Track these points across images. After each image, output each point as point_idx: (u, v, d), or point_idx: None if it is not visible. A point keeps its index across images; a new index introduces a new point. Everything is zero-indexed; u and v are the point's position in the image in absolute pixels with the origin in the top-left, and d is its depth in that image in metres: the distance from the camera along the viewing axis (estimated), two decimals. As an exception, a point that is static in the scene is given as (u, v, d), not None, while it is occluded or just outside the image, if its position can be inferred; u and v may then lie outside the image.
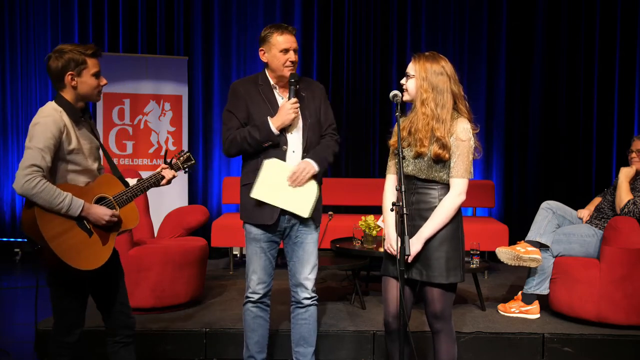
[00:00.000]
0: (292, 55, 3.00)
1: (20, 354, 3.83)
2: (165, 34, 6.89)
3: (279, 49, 3.01)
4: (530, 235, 4.21)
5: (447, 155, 2.61)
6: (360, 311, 4.28)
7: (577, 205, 4.54)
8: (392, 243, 2.70)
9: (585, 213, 4.37)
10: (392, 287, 2.72)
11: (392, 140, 2.76)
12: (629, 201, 4.02)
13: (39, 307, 4.88)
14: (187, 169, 3.01)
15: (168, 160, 2.94)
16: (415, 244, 2.63)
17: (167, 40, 6.89)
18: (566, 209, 4.37)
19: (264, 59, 3.08)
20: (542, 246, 4.17)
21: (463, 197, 2.67)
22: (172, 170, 2.89)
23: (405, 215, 2.45)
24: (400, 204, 2.47)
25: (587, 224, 4.27)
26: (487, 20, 6.84)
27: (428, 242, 2.64)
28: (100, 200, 2.64)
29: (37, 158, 2.42)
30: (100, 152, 2.78)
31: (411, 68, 2.69)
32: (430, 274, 2.64)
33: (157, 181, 2.84)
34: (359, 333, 3.86)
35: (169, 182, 2.88)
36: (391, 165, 2.82)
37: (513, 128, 6.89)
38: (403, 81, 2.72)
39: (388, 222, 2.78)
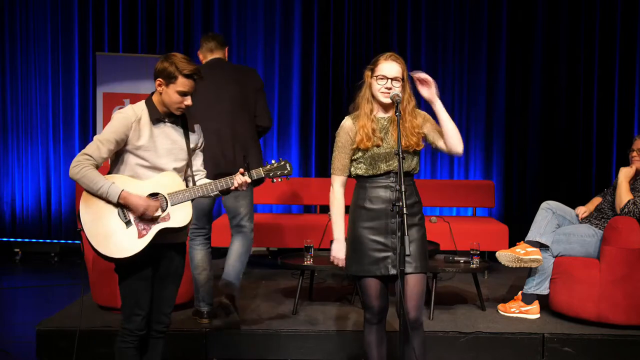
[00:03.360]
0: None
1: (20, 354, 3.82)
2: (165, 34, 6.89)
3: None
4: (530, 236, 4.21)
5: (421, 145, 2.78)
6: (360, 311, 4.27)
7: (577, 205, 4.53)
8: (342, 256, 2.80)
9: (582, 209, 4.35)
10: (374, 285, 2.76)
11: (359, 140, 2.73)
12: (629, 201, 4.02)
13: (38, 307, 4.90)
14: (273, 177, 2.87)
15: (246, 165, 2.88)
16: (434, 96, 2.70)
17: (167, 40, 6.89)
18: (566, 209, 4.37)
19: None
20: (542, 246, 4.16)
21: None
22: (245, 177, 2.81)
23: (405, 215, 2.45)
24: (400, 204, 2.48)
25: (587, 224, 4.26)
26: (487, 20, 6.84)
27: (412, 235, 2.70)
28: (152, 195, 2.67)
29: (92, 148, 2.63)
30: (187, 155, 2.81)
31: (397, 71, 2.71)
32: (416, 265, 2.71)
33: (226, 186, 2.78)
34: (358, 333, 3.86)
35: (237, 189, 2.81)
36: (345, 166, 2.80)
37: (513, 128, 6.89)
38: (389, 85, 2.69)
39: (340, 228, 2.82)
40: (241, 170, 2.81)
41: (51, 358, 3.74)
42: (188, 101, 2.71)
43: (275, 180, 2.89)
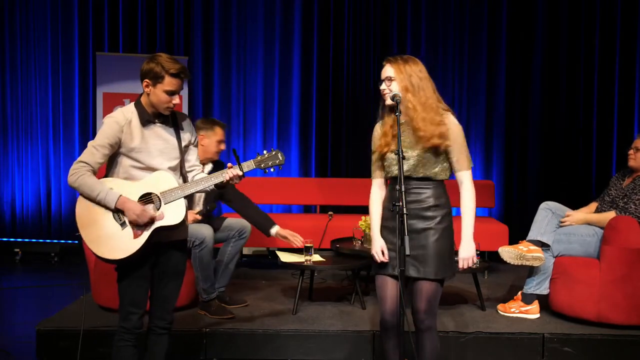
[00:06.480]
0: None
1: (20, 354, 3.82)
2: (165, 34, 6.90)
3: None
4: (532, 235, 4.20)
5: (445, 144, 2.71)
6: (360, 311, 4.28)
7: (577, 205, 4.52)
8: (377, 250, 2.81)
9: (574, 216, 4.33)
10: (388, 285, 2.76)
11: (378, 145, 2.87)
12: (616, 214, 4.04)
13: (38, 307, 4.90)
14: (264, 168, 2.85)
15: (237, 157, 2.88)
16: (468, 247, 2.74)
17: (167, 40, 6.89)
18: (565, 209, 4.36)
19: None
20: (543, 245, 4.16)
21: (473, 187, 2.81)
22: (237, 170, 2.80)
23: (405, 215, 2.47)
24: (400, 204, 2.49)
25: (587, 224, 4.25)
26: (487, 20, 6.84)
27: (425, 239, 2.72)
28: (145, 196, 2.72)
29: (87, 154, 2.68)
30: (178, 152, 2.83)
31: (390, 71, 2.74)
32: (427, 270, 2.70)
33: (219, 181, 2.78)
34: (359, 333, 3.86)
35: (230, 181, 2.80)
36: (376, 169, 2.96)
37: (513, 128, 6.89)
38: (384, 86, 2.75)
39: (374, 227, 2.90)
40: (229, 164, 2.82)
41: (51, 358, 3.74)
42: (176, 100, 2.74)
43: (266, 171, 2.88)
